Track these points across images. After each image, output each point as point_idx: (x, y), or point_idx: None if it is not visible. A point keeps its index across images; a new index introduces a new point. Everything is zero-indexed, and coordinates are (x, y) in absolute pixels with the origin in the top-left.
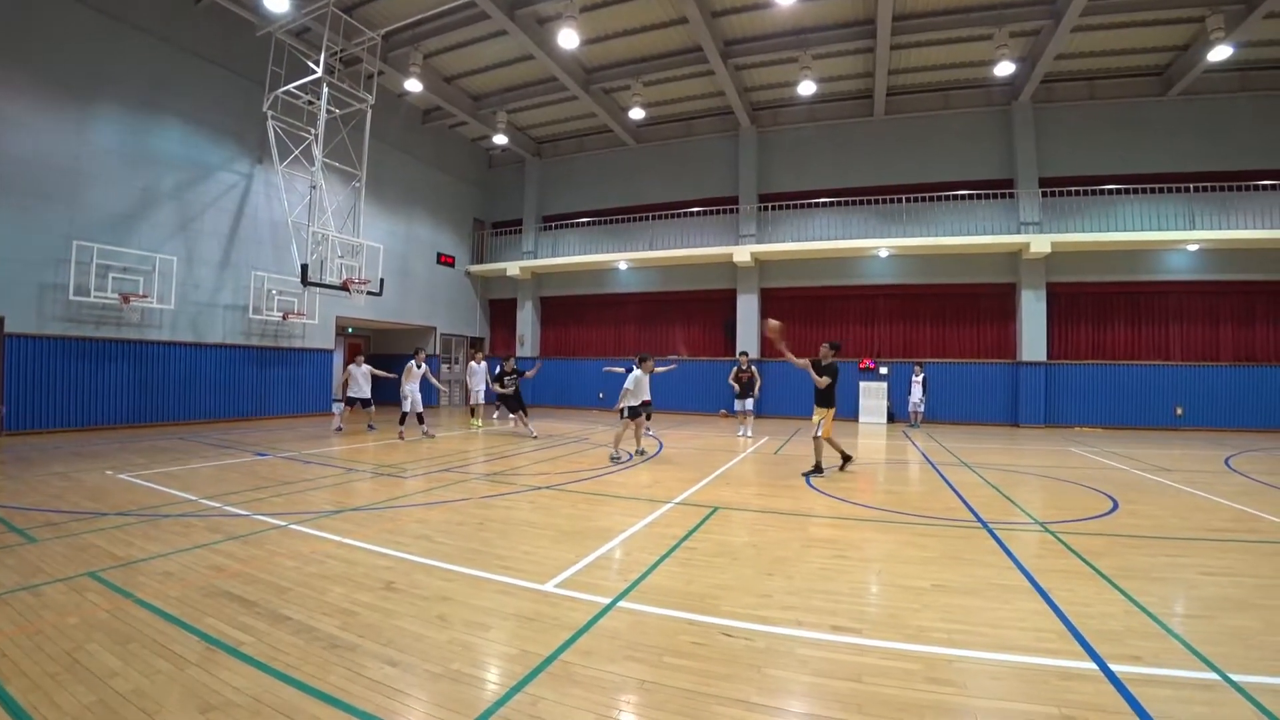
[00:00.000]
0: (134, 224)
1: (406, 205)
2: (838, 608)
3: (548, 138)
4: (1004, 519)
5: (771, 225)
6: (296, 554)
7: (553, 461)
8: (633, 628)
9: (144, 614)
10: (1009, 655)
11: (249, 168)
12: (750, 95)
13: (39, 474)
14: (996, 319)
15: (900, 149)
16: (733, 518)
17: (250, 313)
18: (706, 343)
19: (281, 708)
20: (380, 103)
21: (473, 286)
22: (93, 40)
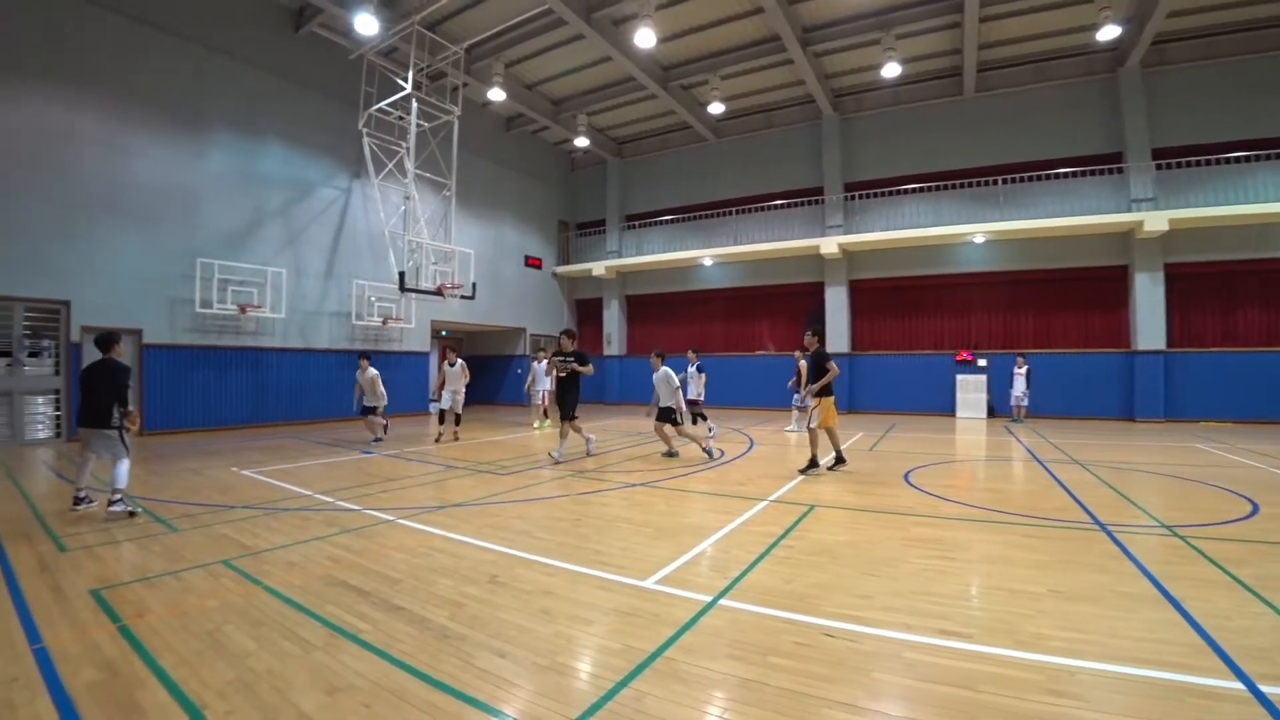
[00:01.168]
0: (247, 240)
1: (494, 210)
2: (945, 611)
3: (628, 137)
4: (1123, 521)
5: (859, 215)
6: (405, 547)
7: (645, 459)
8: (734, 626)
9: (272, 600)
10: (1138, 669)
11: (347, 183)
12: (831, 82)
13: (174, 470)
14: (1106, 305)
15: (993, 128)
16: (830, 516)
17: (353, 319)
18: (794, 337)
19: (399, 693)
20: (466, 113)
21: (560, 287)
22: (203, 74)
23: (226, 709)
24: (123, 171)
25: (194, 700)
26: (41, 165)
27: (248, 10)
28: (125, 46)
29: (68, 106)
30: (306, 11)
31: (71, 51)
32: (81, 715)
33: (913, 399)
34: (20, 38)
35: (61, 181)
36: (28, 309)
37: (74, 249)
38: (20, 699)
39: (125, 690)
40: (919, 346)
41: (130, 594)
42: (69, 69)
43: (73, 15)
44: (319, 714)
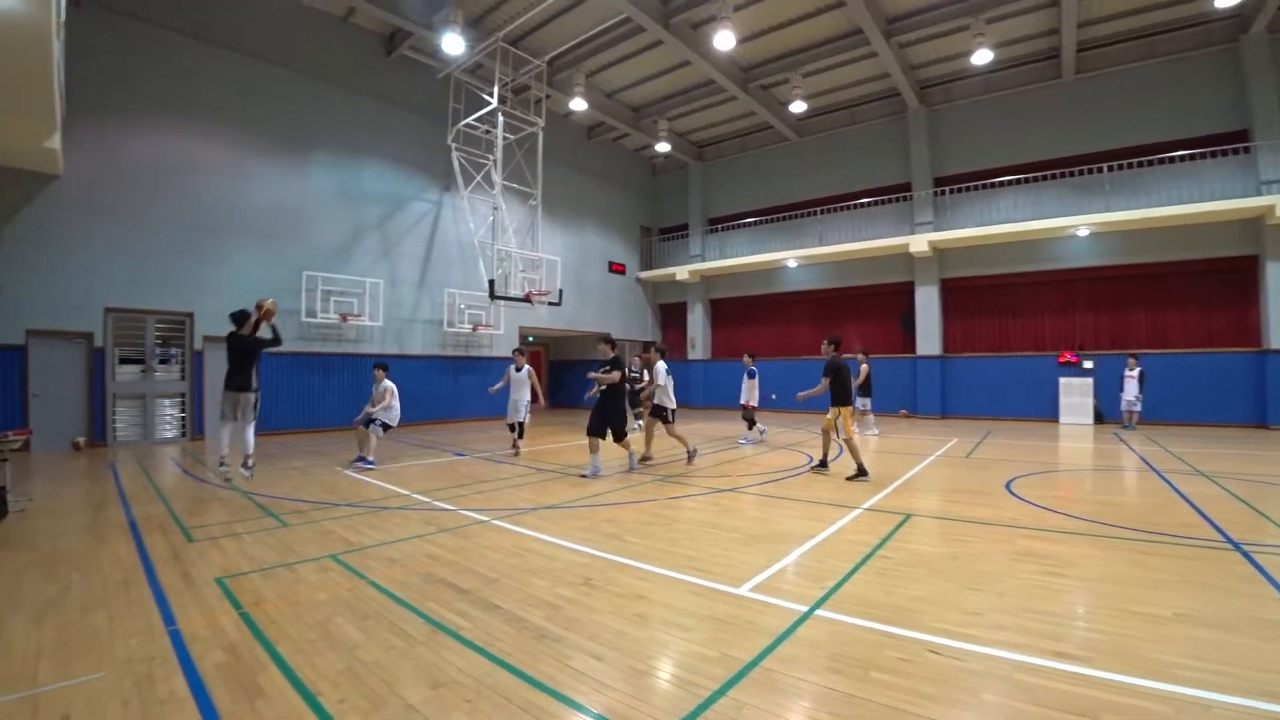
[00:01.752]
0: (348, 253)
1: (578, 218)
2: (1058, 631)
3: (708, 140)
4: (1261, 540)
5: (949, 210)
6: (500, 547)
7: (733, 464)
8: (833, 638)
9: (376, 594)
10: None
11: (438, 196)
12: (917, 73)
13: (283, 468)
14: (1232, 300)
15: (1096, 111)
16: (927, 526)
17: (444, 326)
18: (883, 338)
19: (500, 690)
20: (549, 124)
21: (643, 292)
22: (306, 101)
23: (339, 697)
24: (240, 195)
25: (309, 687)
26: (170, 192)
27: (345, 40)
28: (240, 81)
29: (192, 138)
30: (397, 36)
31: (194, 88)
32: (211, 693)
33: (1011, 403)
34: (149, 80)
35: (187, 206)
36: (158, 321)
37: (197, 266)
38: (159, 675)
39: (248, 672)
40: (1017, 348)
41: (249, 583)
42: (192, 105)
43: (193, 55)
44: (424, 707)
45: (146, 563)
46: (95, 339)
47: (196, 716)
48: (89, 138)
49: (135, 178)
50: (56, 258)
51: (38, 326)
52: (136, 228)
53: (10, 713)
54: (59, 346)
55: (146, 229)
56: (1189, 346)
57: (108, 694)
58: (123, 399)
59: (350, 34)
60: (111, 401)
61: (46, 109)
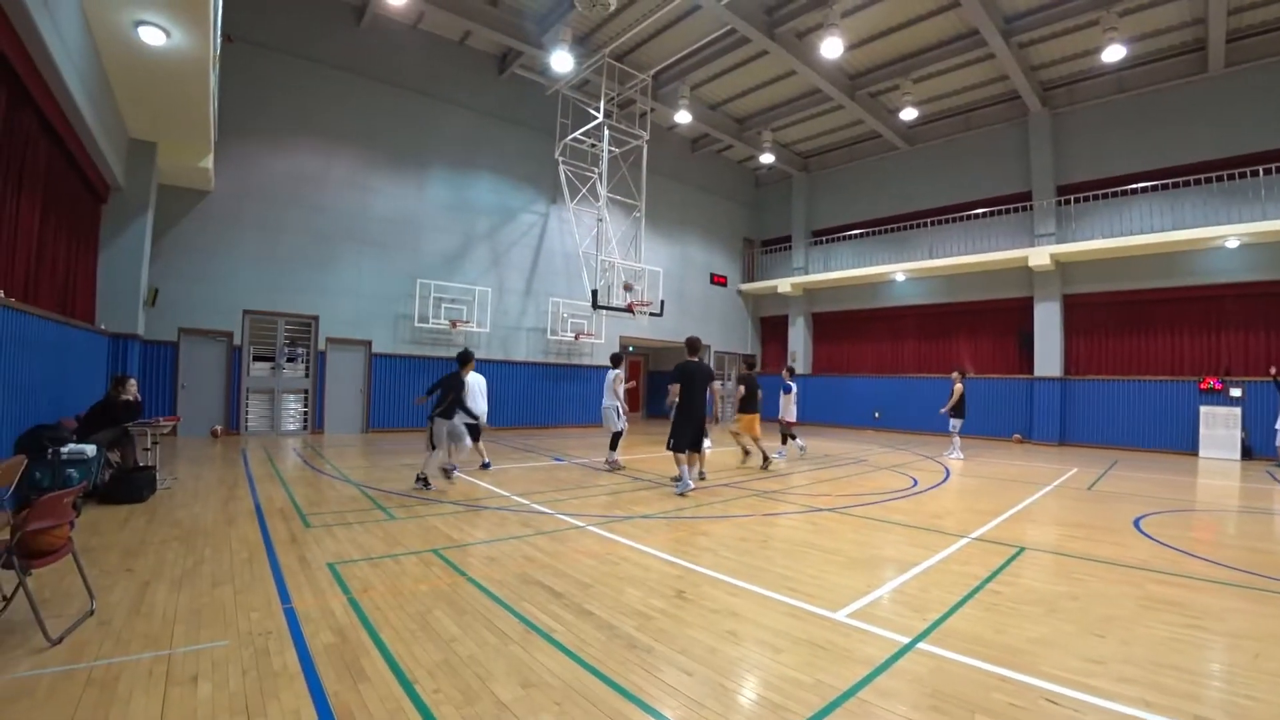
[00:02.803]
0: (458, 262)
1: (680, 229)
2: (1198, 692)
3: (813, 151)
4: None
5: (1074, 221)
6: (594, 553)
7: (832, 483)
8: (935, 674)
9: (474, 591)
10: None
11: (545, 208)
12: (1039, 74)
13: (393, 464)
14: None
15: (1249, 108)
16: (1043, 561)
17: (548, 334)
18: (996, 357)
19: (589, 695)
20: (653, 137)
21: (744, 304)
22: (423, 119)
23: (434, 687)
24: (360, 207)
25: (407, 674)
26: (300, 206)
27: (459, 61)
28: (363, 102)
29: (320, 156)
30: (509, 56)
31: (322, 110)
32: (319, 671)
33: (1141, 433)
34: (285, 104)
35: (314, 218)
36: (287, 323)
37: (322, 273)
38: (274, 649)
39: (353, 655)
40: (1151, 371)
41: (358, 571)
42: (320, 125)
43: (322, 80)
44: (515, 705)
45: (268, 543)
46: (234, 338)
47: (305, 691)
48: (234, 157)
49: (271, 193)
50: (204, 264)
51: (187, 325)
52: (271, 238)
53: (149, 668)
54: (204, 344)
55: (279, 239)
56: None
57: (230, 661)
58: (254, 393)
59: (465, 55)
60: (245, 395)
61: (203, 133)
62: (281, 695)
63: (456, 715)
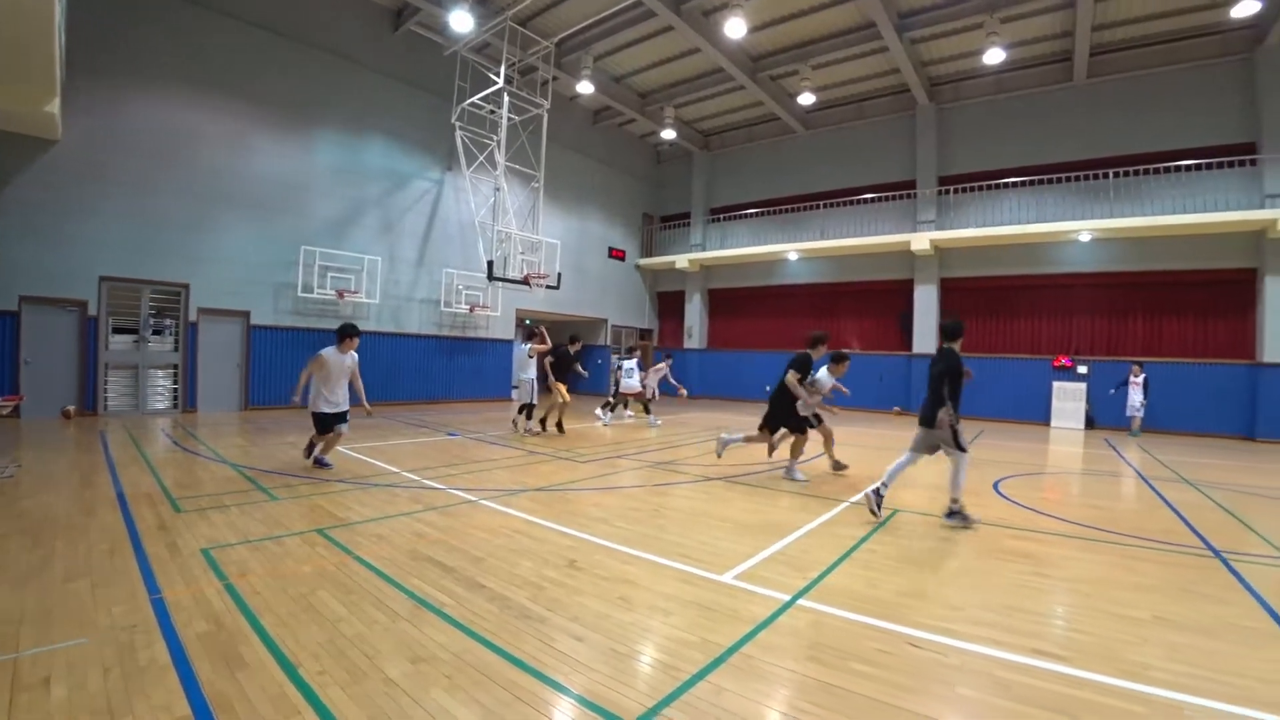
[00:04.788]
0: (347, 229)
1: (580, 202)
2: (1040, 630)
3: (715, 130)
4: (1242, 549)
5: (953, 210)
6: (487, 527)
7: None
8: (814, 627)
9: (362, 570)
10: (1261, 713)
11: (440, 175)
12: (928, 70)
13: (275, 443)
14: (1228, 312)
15: (1106, 117)
16: (914, 522)
17: (441, 306)
18: (879, 336)
19: (481, 668)
20: (554, 107)
21: (642, 279)
22: (314, 73)
23: (319, 669)
24: (240, 166)
25: (290, 658)
26: (170, 161)
27: (352, 12)
28: (243, 49)
29: (193, 107)
30: (405, 11)
31: (195, 55)
32: (192, 661)
33: (1003, 405)
34: (150, 45)
35: (186, 176)
36: (153, 291)
37: (195, 237)
38: (140, 643)
39: (230, 643)
40: (1013, 350)
41: (235, 555)
42: (193, 72)
43: (195, 19)
44: (404, 681)
45: (133, 532)
46: (89, 308)
47: (177, 685)
48: (88, 103)
49: (134, 145)
50: (52, 224)
51: (31, 293)
52: (134, 196)
53: None
54: (52, 314)
55: (144, 197)
56: (1184, 356)
57: (89, 660)
58: (115, 369)
59: (357, 6)
60: (104, 371)
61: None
62: (150, 691)
63: (343, 696)
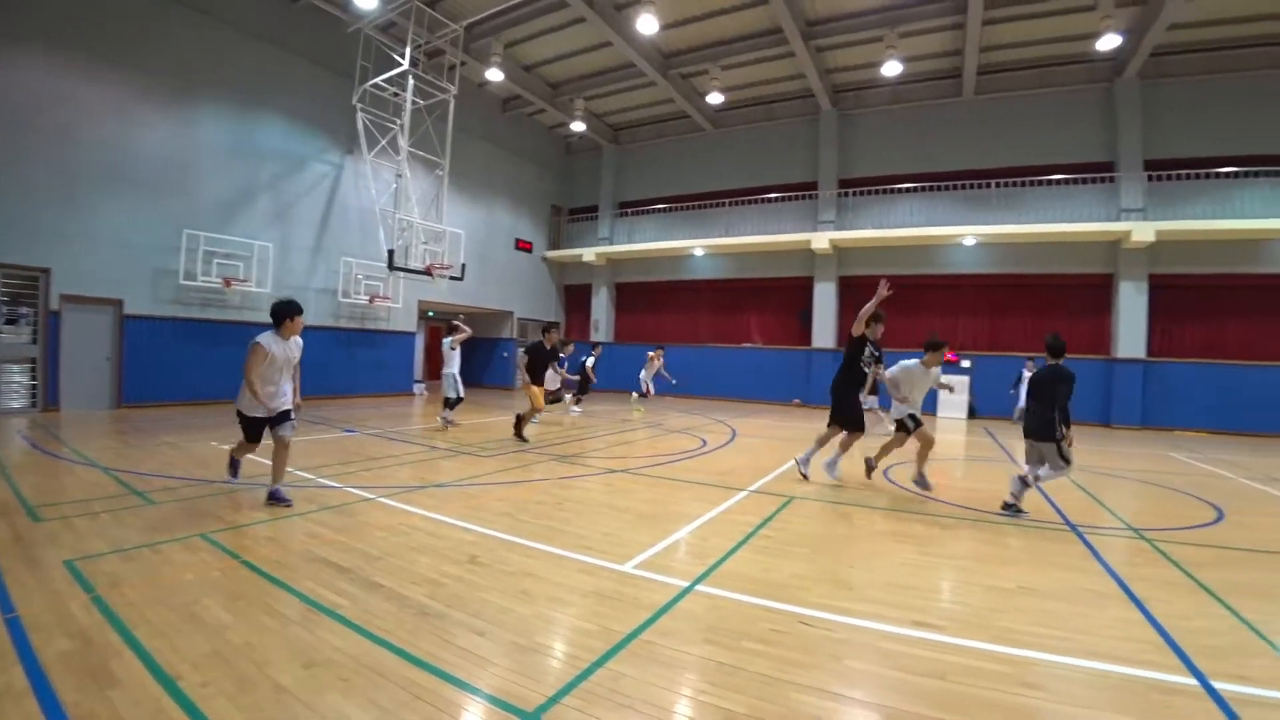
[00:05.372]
0: (236, 213)
1: (487, 192)
2: (921, 604)
3: (625, 124)
4: (1094, 523)
5: (852, 212)
6: (385, 525)
7: (628, 446)
8: (711, 611)
9: (250, 574)
10: (1101, 664)
11: (339, 158)
12: (832, 77)
13: (153, 443)
14: (1090, 312)
15: (990, 131)
16: (809, 508)
17: (340, 296)
18: (781, 331)
19: (377, 668)
20: (462, 93)
21: (549, 272)
22: (203, 42)
23: (201, 680)
24: (116, 139)
25: (168, 671)
26: (31, 129)
27: None
28: (130, 13)
29: (61, 70)
30: None
31: (77, 17)
32: (53, 683)
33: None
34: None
35: (52, 147)
36: (6, 275)
37: (59, 216)
38: None
39: (99, 659)
40: (905, 345)
41: (106, 565)
42: (74, 35)
43: None
44: (296, 687)
45: None
46: None
47: (36, 709)
48: None
49: None
50: None
51: None
52: None
53: None
54: None
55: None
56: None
57: None
58: None
59: None
60: None
61: None
62: None
63: (230, 707)
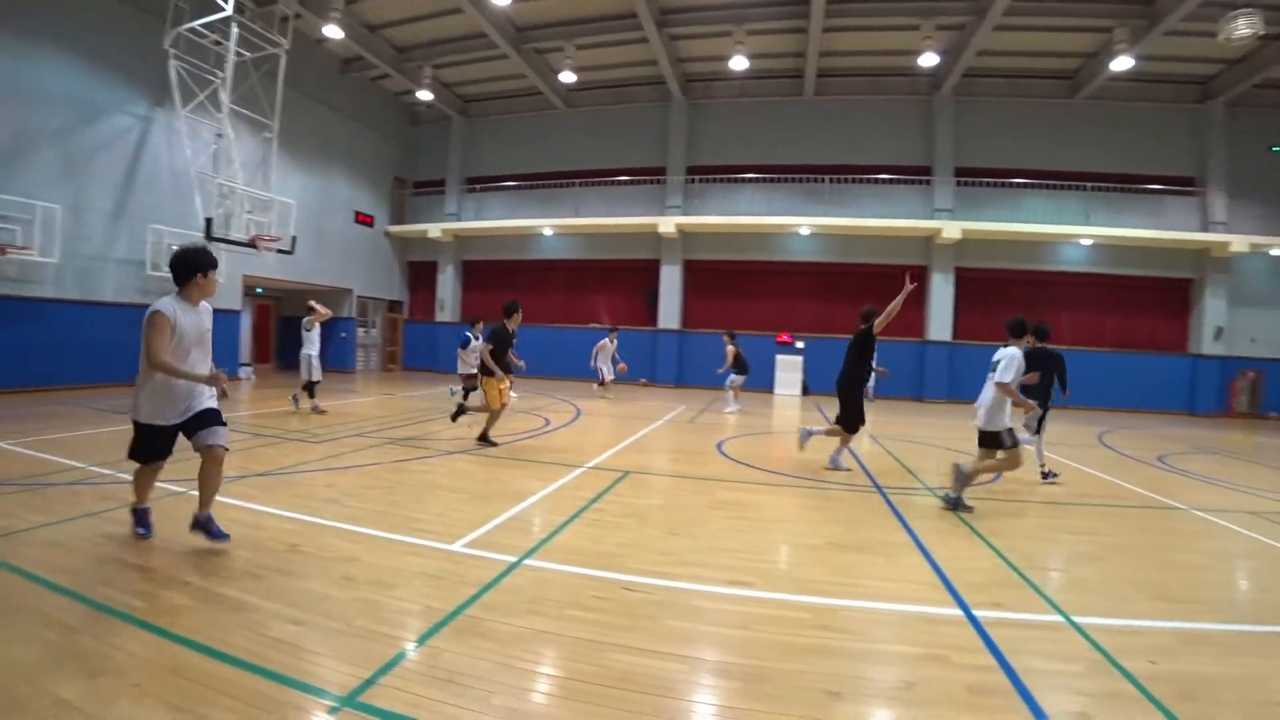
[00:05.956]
0: (10, 166)
1: (323, 160)
2: (736, 564)
3: (475, 96)
4: (898, 485)
5: (698, 198)
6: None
7: (470, 427)
8: (536, 584)
9: (27, 585)
10: (887, 604)
11: (147, 110)
12: (683, 66)
13: None
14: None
15: (827, 130)
16: (644, 481)
17: (148, 269)
18: (629, 312)
19: (179, 670)
20: (296, 48)
21: (391, 248)
22: None
23: None
24: None
25: None
26: None
27: None
28: None
29: None
30: None
31: None
32: None
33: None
34: None
35: None
36: None
37: None
38: None
39: None
40: (745, 327)
41: None
42: None
43: None
44: (80, 700)
45: None
46: None
47: None
48: None
49: None
50: None
51: None
52: None
53: None
54: None
55: None
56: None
57: None
58: None
59: None
60: None
61: None
62: None
63: None
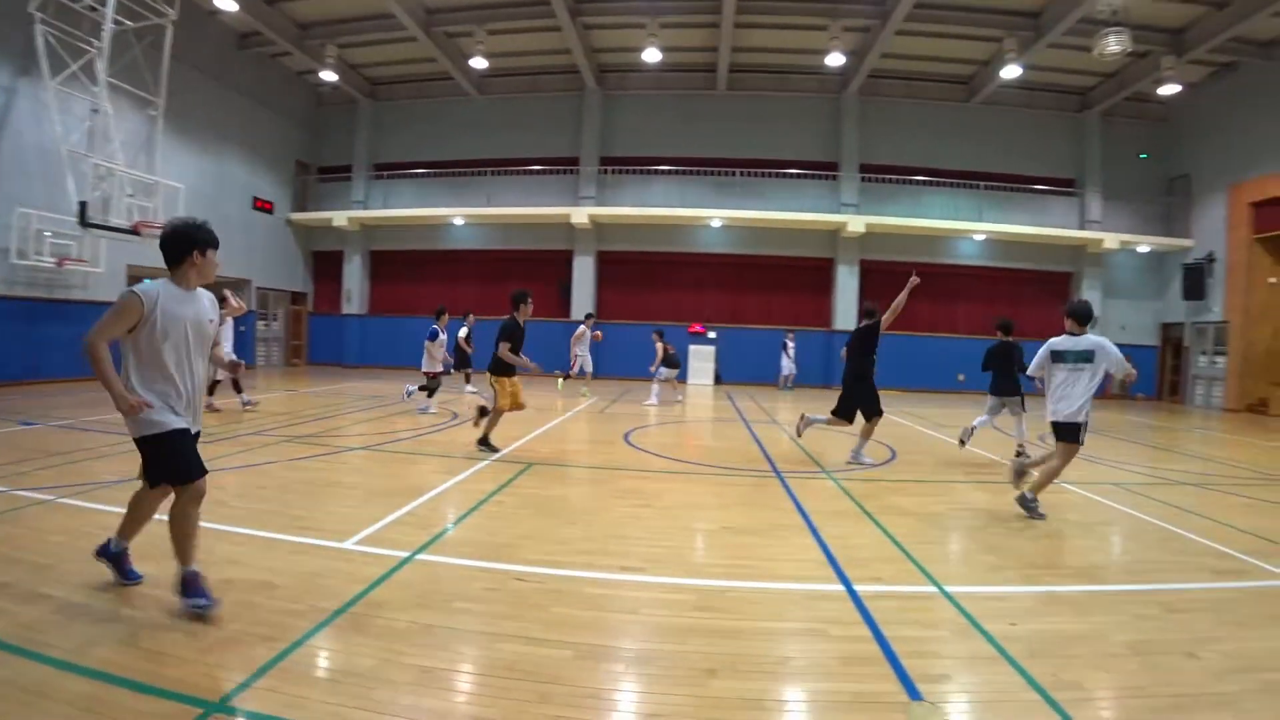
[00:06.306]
0: None
1: (217, 141)
2: (630, 550)
3: (384, 79)
4: (796, 469)
5: (611, 188)
6: (65, 529)
7: (373, 423)
8: (426, 578)
9: None
10: (774, 583)
11: (10, 80)
12: (598, 56)
13: None
14: (816, 290)
15: (738, 124)
16: (546, 472)
17: (14, 257)
18: (542, 303)
19: (34, 688)
20: (185, 19)
21: (294, 236)
22: None
23: None
24: None
25: None
26: None
27: None
28: None
29: None
30: None
31: None
32: None
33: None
34: None
35: None
36: None
37: None
38: None
39: None
40: (659, 317)
41: None
42: None
43: None
44: None
45: None
46: None
47: None
48: None
49: None
50: None
51: None
52: None
53: None
54: None
55: None
56: (785, 324)
57: None
58: None
59: None
60: None
61: None
62: None
63: None
